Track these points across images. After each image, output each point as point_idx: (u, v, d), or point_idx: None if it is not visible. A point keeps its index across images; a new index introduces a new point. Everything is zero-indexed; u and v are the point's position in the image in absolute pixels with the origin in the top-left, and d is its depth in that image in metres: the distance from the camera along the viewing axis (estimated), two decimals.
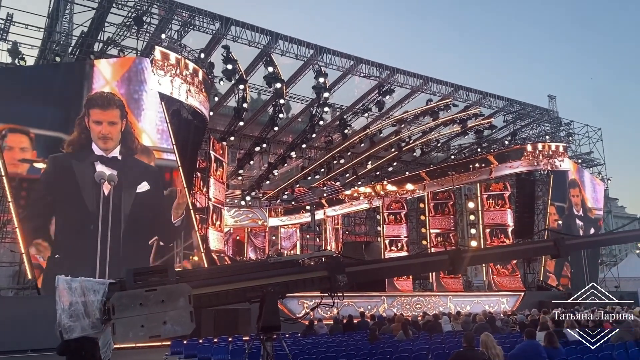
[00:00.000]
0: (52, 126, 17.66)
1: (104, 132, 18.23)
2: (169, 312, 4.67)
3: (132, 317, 4.56)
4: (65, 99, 18.18)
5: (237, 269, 6.93)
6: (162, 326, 4.63)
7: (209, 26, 22.13)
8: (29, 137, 17.17)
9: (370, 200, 32.77)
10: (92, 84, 18.41)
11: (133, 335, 4.61)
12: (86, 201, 17.60)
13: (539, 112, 34.08)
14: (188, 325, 4.71)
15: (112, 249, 17.40)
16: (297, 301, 19.30)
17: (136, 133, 18.99)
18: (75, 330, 4.55)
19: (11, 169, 16.77)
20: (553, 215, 31.09)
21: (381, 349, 9.85)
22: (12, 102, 17.30)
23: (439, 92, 28.94)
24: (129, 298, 4.62)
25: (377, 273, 7.95)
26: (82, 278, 4.69)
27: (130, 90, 19.04)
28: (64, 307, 4.54)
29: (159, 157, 19.36)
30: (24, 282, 16.56)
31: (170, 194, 19.57)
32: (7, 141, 16.90)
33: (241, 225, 35.87)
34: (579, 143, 36.21)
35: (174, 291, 4.76)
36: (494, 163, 30.45)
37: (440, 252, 8.33)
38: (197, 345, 11.70)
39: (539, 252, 15.00)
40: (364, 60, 26.24)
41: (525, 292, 26.85)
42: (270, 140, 30.15)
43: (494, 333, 9.80)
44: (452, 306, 23.63)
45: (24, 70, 19.79)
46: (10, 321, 14.44)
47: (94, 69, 18.65)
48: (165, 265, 5.24)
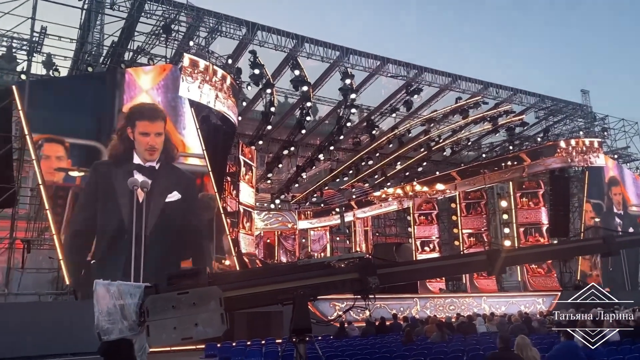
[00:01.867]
0: (86, 135, 18.10)
1: (151, 143, 18.62)
2: (201, 315, 4.74)
3: (165, 319, 4.66)
4: (98, 108, 18.63)
5: (267, 272, 6.96)
6: (194, 328, 4.71)
7: (236, 32, 22.40)
8: (64, 147, 17.63)
9: (400, 201, 32.52)
10: (126, 93, 18.82)
11: (166, 338, 4.71)
12: (122, 209, 17.99)
13: (572, 107, 33.29)
14: (219, 327, 4.77)
15: (147, 255, 17.71)
16: (329, 303, 19.27)
17: (174, 140, 19.37)
18: (114, 332, 4.68)
19: (48, 178, 17.23)
20: (589, 213, 30.31)
21: (415, 350, 9.75)
22: (47, 113, 17.77)
23: (469, 90, 28.57)
24: (162, 301, 4.71)
25: (410, 275, 7.71)
26: (119, 282, 4.83)
27: (168, 98, 19.42)
28: (102, 310, 4.68)
29: (191, 163, 19.67)
30: (62, 288, 16.97)
31: (202, 198, 19.81)
32: (44, 150, 17.39)
33: (271, 228, 36.06)
34: (614, 138, 35.25)
35: (205, 294, 4.83)
36: (526, 160, 29.84)
37: (478, 253, 8.01)
38: (231, 348, 11.80)
39: (587, 251, 14.16)
40: (390, 60, 26.10)
41: (562, 291, 26.21)
42: (298, 143, 30.27)
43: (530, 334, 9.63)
44: (487, 307, 23.23)
45: (58, 81, 20.35)
46: (51, 325, 14.83)
47: (127, 77, 19.05)
48: (197, 269, 5.31)
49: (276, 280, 5.52)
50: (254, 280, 5.56)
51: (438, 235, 31.24)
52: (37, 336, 14.47)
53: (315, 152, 31.17)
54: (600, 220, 30.02)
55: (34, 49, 20.66)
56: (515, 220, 29.25)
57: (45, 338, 14.56)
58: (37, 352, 14.40)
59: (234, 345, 12.07)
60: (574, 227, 30.54)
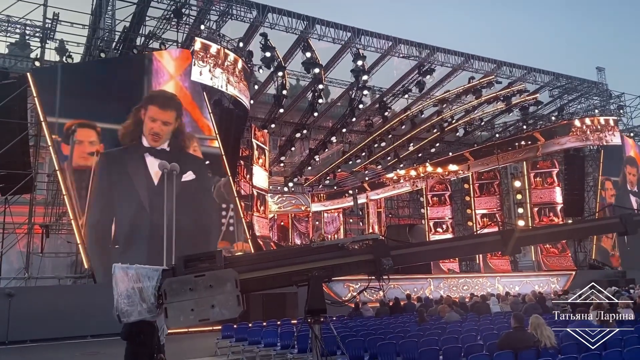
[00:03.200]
0: (116, 120, 18.43)
1: (156, 129, 18.86)
2: (217, 296, 4.86)
3: (183, 301, 4.79)
4: (126, 92, 18.87)
5: (281, 254, 7.04)
6: (211, 310, 4.84)
7: (246, 15, 22.28)
8: (96, 131, 18.00)
9: (413, 182, 32.44)
10: (154, 79, 19.16)
11: (184, 319, 4.84)
12: (139, 192, 18.29)
13: (587, 85, 32.79)
14: (235, 309, 4.89)
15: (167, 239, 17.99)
16: (343, 284, 19.44)
17: (201, 125, 19.82)
18: (133, 315, 4.84)
19: (82, 162, 17.62)
20: (610, 191, 30.09)
21: (429, 330, 9.83)
22: (78, 98, 18.05)
23: (481, 70, 28.26)
24: (180, 283, 4.83)
25: (423, 256, 7.83)
26: (137, 265, 4.96)
27: (194, 83, 19.67)
28: (121, 292, 4.79)
29: (205, 146, 19.87)
30: (81, 272, 17.30)
31: (216, 182, 19.98)
32: (77, 136, 17.74)
33: (285, 211, 36.23)
34: (631, 116, 34.75)
35: (221, 276, 4.94)
36: (540, 140, 29.53)
37: (493, 233, 7.97)
38: (247, 329, 11.96)
39: (603, 230, 13.24)
40: (402, 40, 25.84)
41: (577, 271, 26.13)
42: (311, 126, 30.21)
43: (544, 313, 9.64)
44: (500, 287, 23.27)
45: (87, 66, 20.59)
46: (71, 308, 15.17)
47: (155, 63, 19.31)
48: (213, 252, 5.40)
49: (291, 262, 5.60)
50: (269, 263, 5.64)
51: (451, 216, 31.15)
52: (57, 319, 14.83)
53: (327, 135, 31.14)
54: (615, 199, 29.81)
55: (47, 36, 20.77)
56: (529, 200, 29.08)
57: (65, 321, 14.93)
58: (57, 335, 14.77)
59: (250, 327, 12.24)
60: (588, 206, 30.32)
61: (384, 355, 8.32)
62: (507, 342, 6.65)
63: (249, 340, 11.45)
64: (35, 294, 16.00)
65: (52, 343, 14.42)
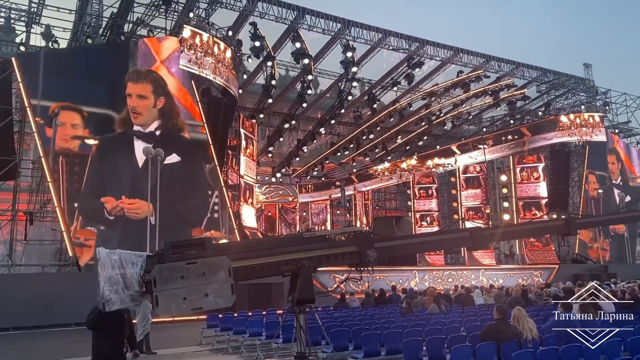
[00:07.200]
0: (101, 104, 18.30)
1: (132, 104, 18.65)
2: (211, 285, 4.69)
3: (174, 289, 4.59)
4: (111, 77, 18.68)
5: (271, 243, 7.03)
6: (204, 299, 4.66)
7: (236, 3, 22.09)
8: (81, 115, 17.85)
9: (401, 175, 32.59)
10: (140, 63, 18.96)
11: (176, 308, 4.64)
12: (129, 176, 18.26)
13: (574, 81, 33.08)
14: (229, 298, 4.74)
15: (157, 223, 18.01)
16: (329, 275, 19.51)
17: (193, 113, 19.74)
18: (115, 303, 4.55)
19: (63, 145, 17.44)
20: (593, 184, 30.53)
21: (413, 321, 9.92)
22: (62, 81, 17.90)
23: (470, 64, 28.35)
24: (170, 271, 4.63)
25: (404, 248, 8.12)
26: (120, 250, 4.70)
27: (182, 71, 19.51)
28: (106, 278, 4.59)
29: (192, 133, 19.80)
30: (66, 259, 17.17)
31: (203, 168, 19.91)
32: (60, 118, 17.56)
33: (272, 201, 36.19)
34: (616, 112, 35.13)
35: (215, 264, 4.79)
36: (527, 135, 29.81)
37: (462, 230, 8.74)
38: (233, 318, 11.98)
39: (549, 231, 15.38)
40: (392, 32, 25.81)
41: (560, 265, 26.50)
42: (299, 116, 30.14)
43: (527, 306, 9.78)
44: (485, 280, 23.53)
45: (73, 51, 20.31)
46: (55, 296, 15.06)
47: (142, 47, 19.12)
48: (203, 238, 5.27)
49: (281, 251, 5.59)
50: (259, 251, 5.61)
51: (437, 208, 31.38)
52: (41, 307, 14.73)
53: (316, 126, 31.08)
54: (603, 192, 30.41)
55: (32, 20, 20.45)
56: (514, 194, 29.38)
57: (49, 309, 14.81)
58: (41, 322, 14.68)
59: (235, 316, 12.26)
60: (573, 201, 30.70)
61: (368, 346, 8.39)
62: (490, 334, 6.74)
63: (234, 329, 11.48)
64: (18, 281, 15.87)
65: (35, 331, 14.36)
